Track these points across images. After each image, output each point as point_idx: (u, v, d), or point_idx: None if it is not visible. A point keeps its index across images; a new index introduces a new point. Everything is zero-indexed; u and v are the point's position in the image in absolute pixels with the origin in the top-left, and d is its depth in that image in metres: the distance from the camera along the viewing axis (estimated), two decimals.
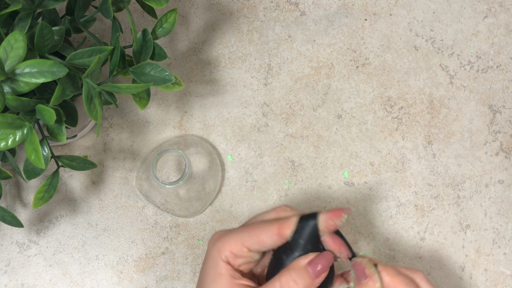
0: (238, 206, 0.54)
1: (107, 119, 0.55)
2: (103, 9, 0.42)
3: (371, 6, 0.58)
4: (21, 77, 0.35)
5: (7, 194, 0.54)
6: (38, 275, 0.52)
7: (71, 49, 0.43)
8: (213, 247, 0.40)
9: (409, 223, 0.54)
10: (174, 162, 0.53)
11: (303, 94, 0.56)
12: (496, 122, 0.56)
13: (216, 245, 0.40)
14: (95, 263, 0.53)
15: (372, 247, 0.53)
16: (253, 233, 0.39)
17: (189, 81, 0.56)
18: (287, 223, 0.40)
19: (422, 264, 0.53)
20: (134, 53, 0.43)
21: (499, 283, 0.53)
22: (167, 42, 0.57)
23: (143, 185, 0.52)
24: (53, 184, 0.46)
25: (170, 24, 0.44)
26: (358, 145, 0.55)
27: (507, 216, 0.54)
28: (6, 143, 0.37)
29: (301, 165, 0.55)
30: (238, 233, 0.40)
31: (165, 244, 0.53)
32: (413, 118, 0.55)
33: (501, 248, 0.53)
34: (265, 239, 0.39)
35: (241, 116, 0.55)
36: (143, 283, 0.52)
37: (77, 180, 0.54)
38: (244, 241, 0.39)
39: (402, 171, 0.54)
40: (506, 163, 0.55)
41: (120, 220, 0.53)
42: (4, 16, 0.36)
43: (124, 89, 0.38)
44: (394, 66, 0.56)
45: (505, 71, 0.56)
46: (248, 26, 0.57)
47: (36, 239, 0.53)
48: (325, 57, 0.57)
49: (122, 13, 0.57)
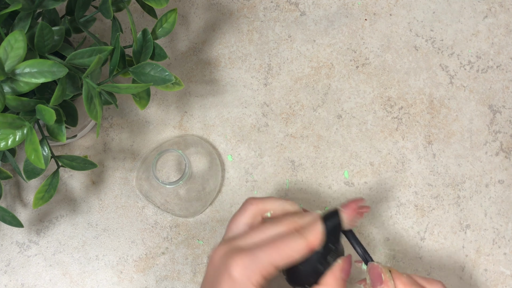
0: (238, 206, 0.54)
1: (107, 119, 0.55)
2: (103, 9, 0.42)
3: (371, 6, 0.58)
4: (21, 77, 0.35)
5: (7, 194, 0.54)
6: (38, 275, 0.52)
7: (71, 49, 0.43)
8: (240, 272, 0.38)
9: (409, 223, 0.54)
10: (174, 162, 0.53)
11: (303, 94, 0.56)
12: (496, 122, 0.56)
13: (244, 272, 0.38)
14: (95, 263, 0.53)
15: (372, 247, 0.53)
16: (282, 252, 0.39)
17: (189, 81, 0.56)
18: (315, 235, 0.40)
19: (422, 264, 0.53)
20: (134, 53, 0.43)
21: (499, 283, 0.53)
22: (167, 42, 0.57)
23: (143, 185, 0.52)
24: (53, 184, 0.46)
25: (170, 24, 0.44)
26: (358, 145, 0.55)
27: (507, 216, 0.54)
28: (6, 143, 0.37)
29: (301, 165, 0.55)
30: (265, 254, 0.38)
31: (165, 244, 0.53)
32: (413, 118, 0.55)
33: (501, 248, 0.53)
34: (295, 255, 0.39)
35: (241, 116, 0.55)
36: (143, 283, 0.52)
37: (77, 180, 0.54)
38: (275, 262, 0.38)
39: (402, 171, 0.54)
40: (506, 163, 0.55)
41: (120, 220, 0.53)
42: (4, 16, 0.36)
43: (124, 89, 0.38)
44: (394, 66, 0.56)
45: (505, 71, 0.56)
46: (248, 26, 0.57)
47: (36, 239, 0.53)
48: (325, 57, 0.57)
49: (122, 13, 0.57)
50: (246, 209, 0.43)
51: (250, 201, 0.43)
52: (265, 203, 0.43)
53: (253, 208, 0.43)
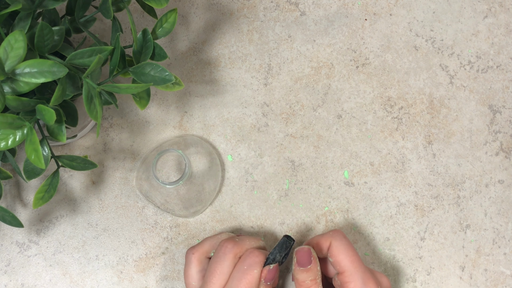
0: (238, 206, 0.54)
1: (107, 119, 0.55)
2: (103, 9, 0.42)
3: (371, 6, 0.58)
4: (21, 77, 0.35)
5: (7, 194, 0.54)
6: (38, 275, 0.52)
7: (71, 49, 0.43)
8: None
9: (409, 223, 0.54)
10: (174, 162, 0.53)
11: (303, 94, 0.56)
12: (496, 122, 0.56)
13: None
14: (95, 263, 0.53)
15: (372, 247, 0.53)
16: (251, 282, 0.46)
17: (189, 81, 0.56)
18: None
19: (422, 264, 0.53)
20: (134, 53, 0.43)
21: (499, 283, 0.53)
22: (167, 42, 0.57)
23: (143, 185, 0.52)
24: (53, 184, 0.46)
25: (170, 24, 0.44)
26: (358, 145, 0.55)
27: (507, 216, 0.54)
28: (6, 143, 0.37)
29: (301, 165, 0.55)
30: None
31: (165, 244, 0.53)
32: (413, 118, 0.55)
33: (501, 248, 0.53)
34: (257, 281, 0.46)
35: (241, 116, 0.55)
36: (143, 283, 0.52)
37: (77, 180, 0.54)
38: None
39: (402, 171, 0.54)
40: (506, 163, 0.55)
41: (120, 220, 0.53)
42: (4, 16, 0.36)
43: (124, 89, 0.38)
44: (394, 66, 0.56)
45: (505, 71, 0.56)
46: (248, 26, 0.57)
47: (36, 239, 0.53)
48: (325, 57, 0.57)
49: (122, 13, 0.57)
50: (191, 260, 0.47)
51: (190, 252, 0.48)
52: (203, 246, 0.48)
53: (196, 256, 0.47)
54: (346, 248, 0.45)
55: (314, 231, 0.54)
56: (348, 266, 0.45)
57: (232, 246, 0.45)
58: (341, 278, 0.45)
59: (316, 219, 0.54)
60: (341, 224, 0.54)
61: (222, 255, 0.45)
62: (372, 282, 0.44)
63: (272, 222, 0.54)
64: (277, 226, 0.54)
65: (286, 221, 0.54)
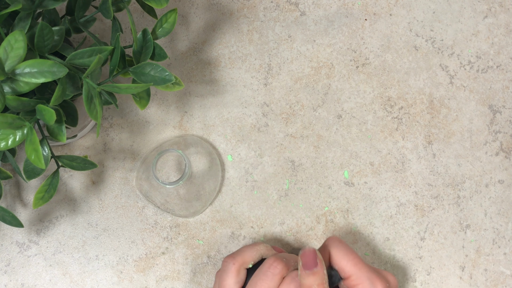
0: (238, 206, 0.54)
1: (107, 119, 0.55)
2: (103, 9, 0.42)
3: (371, 6, 0.58)
4: (21, 77, 0.35)
5: (7, 194, 0.54)
6: (38, 275, 0.52)
7: (71, 49, 0.43)
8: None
9: (409, 223, 0.54)
10: (174, 162, 0.53)
11: (303, 94, 0.56)
12: (496, 122, 0.56)
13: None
14: (95, 263, 0.53)
15: (372, 247, 0.53)
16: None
17: (189, 81, 0.56)
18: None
19: (422, 264, 0.53)
20: (134, 53, 0.43)
21: (499, 283, 0.53)
22: (167, 42, 0.57)
23: (143, 185, 0.52)
24: (53, 184, 0.46)
25: (170, 24, 0.44)
26: (358, 145, 0.55)
27: (507, 216, 0.54)
28: (6, 143, 0.37)
29: (301, 165, 0.55)
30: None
31: (165, 244, 0.53)
32: (413, 118, 0.55)
33: (501, 248, 0.53)
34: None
35: (241, 116, 0.55)
36: (143, 283, 0.52)
37: (77, 180, 0.54)
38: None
39: (402, 171, 0.54)
40: (506, 163, 0.55)
41: (120, 220, 0.53)
42: (4, 16, 0.36)
43: (124, 89, 0.38)
44: (394, 66, 0.56)
45: (505, 71, 0.56)
46: (248, 26, 0.57)
47: (36, 239, 0.53)
48: (325, 57, 0.57)
49: (122, 13, 0.57)
50: (230, 270, 0.46)
51: (230, 261, 0.46)
52: (244, 256, 0.46)
53: (236, 267, 0.46)
54: (346, 252, 0.45)
55: (314, 231, 0.54)
56: (353, 269, 0.44)
57: (282, 267, 0.44)
58: (348, 283, 0.45)
59: (316, 219, 0.54)
60: (341, 224, 0.54)
61: (271, 275, 0.44)
62: (379, 281, 0.44)
63: (272, 222, 0.54)
64: (277, 226, 0.54)
65: (286, 221, 0.54)
